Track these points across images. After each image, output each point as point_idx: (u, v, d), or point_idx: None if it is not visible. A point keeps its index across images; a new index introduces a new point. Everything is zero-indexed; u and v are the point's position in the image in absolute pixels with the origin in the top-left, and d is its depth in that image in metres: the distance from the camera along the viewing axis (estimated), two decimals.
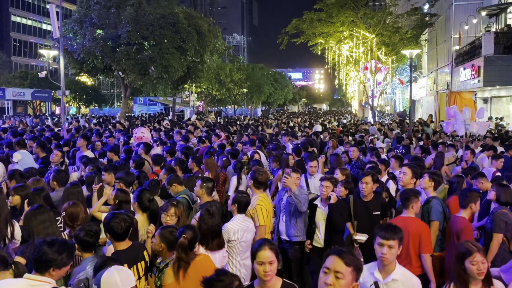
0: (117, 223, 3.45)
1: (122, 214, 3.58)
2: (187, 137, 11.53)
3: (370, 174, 5.11)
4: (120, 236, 3.49)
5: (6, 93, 34.94)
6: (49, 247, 2.81)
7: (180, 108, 44.84)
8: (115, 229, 3.45)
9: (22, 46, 64.44)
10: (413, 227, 4.25)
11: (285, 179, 5.01)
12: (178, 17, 25.36)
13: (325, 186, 5.18)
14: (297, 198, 4.94)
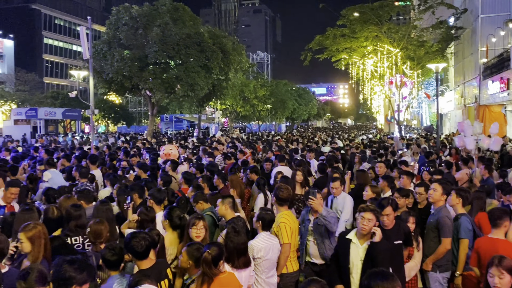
0: (137, 242, 3.52)
1: (141, 233, 3.65)
2: (213, 154, 11.65)
3: (389, 205, 4.61)
4: (141, 255, 3.55)
5: (38, 112, 36.20)
6: (69, 265, 2.88)
7: (205, 125, 45.37)
8: (135, 248, 3.52)
9: (53, 67, 66.88)
10: (505, 251, 3.80)
11: (310, 201, 4.85)
12: (203, 36, 25.87)
13: (367, 218, 4.19)
14: (326, 219, 4.79)
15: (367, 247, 4.12)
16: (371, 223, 4.14)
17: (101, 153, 12.25)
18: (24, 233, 3.70)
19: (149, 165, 9.19)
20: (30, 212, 4.53)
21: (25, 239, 3.67)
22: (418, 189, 5.74)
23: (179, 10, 26.94)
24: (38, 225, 3.87)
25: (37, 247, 3.70)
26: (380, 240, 4.02)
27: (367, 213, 4.17)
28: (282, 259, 4.64)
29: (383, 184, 6.82)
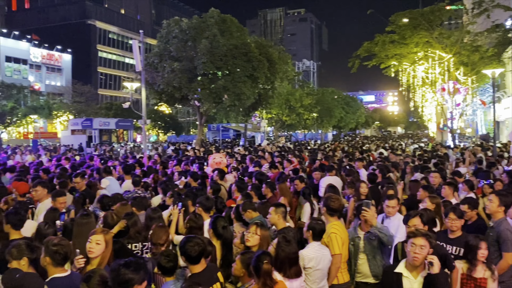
0: (191, 247, 3.60)
1: (196, 238, 3.74)
2: (259, 163, 11.71)
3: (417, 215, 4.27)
4: (194, 259, 3.63)
5: (93, 123, 38.00)
6: (126, 268, 2.99)
7: (251, 134, 45.73)
8: (189, 253, 3.60)
9: (107, 79, 70.05)
10: None
11: (364, 213, 4.63)
12: (249, 46, 26.24)
13: (419, 245, 3.54)
14: (382, 232, 4.50)
15: (422, 280, 3.55)
16: (424, 250, 3.54)
17: (155, 162, 12.66)
18: (103, 235, 3.88)
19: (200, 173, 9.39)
20: (88, 218, 4.75)
21: (103, 241, 3.84)
22: (463, 207, 5.08)
23: (227, 22, 27.51)
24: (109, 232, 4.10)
25: (108, 251, 3.90)
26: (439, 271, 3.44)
27: (418, 239, 3.57)
28: (333, 270, 4.58)
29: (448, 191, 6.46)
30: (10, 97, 37.84)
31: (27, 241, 3.70)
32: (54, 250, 3.46)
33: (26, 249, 3.54)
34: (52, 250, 3.46)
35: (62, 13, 68.93)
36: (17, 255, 3.50)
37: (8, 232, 4.54)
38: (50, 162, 13.49)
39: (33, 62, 55.52)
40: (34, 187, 6.60)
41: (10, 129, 41.03)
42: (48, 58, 58.20)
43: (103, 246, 3.84)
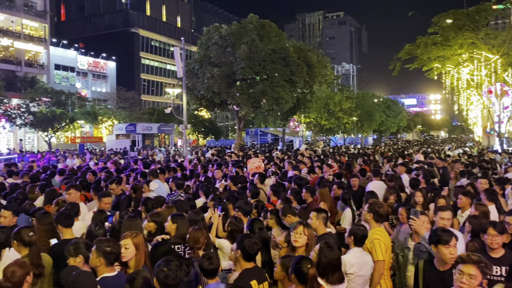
0: (250, 244, 3.72)
1: (254, 237, 3.86)
2: (298, 167, 11.70)
3: None
4: (251, 256, 3.75)
5: (137, 127, 39.19)
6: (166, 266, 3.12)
7: (289, 138, 45.63)
8: (247, 249, 3.71)
9: (149, 85, 72.01)
10: None
11: (412, 222, 4.41)
12: (288, 51, 26.25)
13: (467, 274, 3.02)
14: None
15: None
16: (475, 281, 2.97)
17: (195, 165, 12.92)
18: (131, 239, 4.01)
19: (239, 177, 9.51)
20: (135, 220, 4.95)
21: (131, 244, 3.97)
22: (508, 218, 4.67)
23: (265, 27, 27.66)
24: (140, 233, 4.23)
25: (141, 253, 4.02)
26: None
27: (467, 267, 3.00)
28: (376, 276, 4.53)
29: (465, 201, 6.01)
30: (59, 104, 39.66)
31: (85, 240, 3.90)
32: (107, 250, 3.63)
33: (83, 248, 3.74)
34: (106, 250, 3.63)
35: (107, 22, 71.63)
36: (73, 252, 3.71)
37: (61, 233, 4.80)
38: (96, 166, 14.05)
39: (80, 70, 57.96)
40: (67, 190, 6.78)
41: (59, 133, 42.97)
42: (94, 66, 60.61)
43: (133, 250, 3.95)
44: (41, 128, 38.54)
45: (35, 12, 50.94)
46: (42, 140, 42.70)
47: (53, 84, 49.61)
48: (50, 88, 41.86)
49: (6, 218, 4.90)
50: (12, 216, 4.93)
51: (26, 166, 14.37)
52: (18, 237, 4.08)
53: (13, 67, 48.10)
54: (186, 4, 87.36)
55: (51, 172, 11.12)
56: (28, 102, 37.86)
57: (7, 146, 42.36)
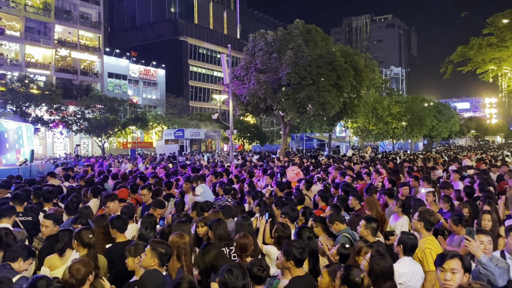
0: (298, 249, 3.72)
1: (300, 241, 3.85)
2: (345, 173, 11.51)
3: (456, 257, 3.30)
4: (301, 262, 3.74)
5: (185, 133, 40.21)
6: (229, 273, 3.17)
7: (335, 144, 45.04)
8: (296, 255, 3.71)
9: (197, 91, 73.65)
10: None
11: (466, 243, 3.88)
12: (334, 55, 26.00)
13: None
14: (487, 269, 3.73)
15: None
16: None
17: (240, 171, 13.04)
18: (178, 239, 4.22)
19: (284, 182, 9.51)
20: (185, 224, 5.08)
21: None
22: None
23: (311, 32, 27.58)
24: (185, 236, 4.35)
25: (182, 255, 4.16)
26: None
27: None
28: (427, 287, 4.37)
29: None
30: (112, 110, 41.42)
31: (144, 243, 4.08)
32: (162, 252, 3.78)
33: (142, 249, 3.92)
34: (161, 251, 3.78)
35: (157, 31, 74.11)
36: (134, 253, 3.90)
37: (115, 236, 5.00)
38: (147, 170, 14.52)
39: (131, 78, 60.29)
40: (142, 189, 7.44)
41: (112, 139, 44.86)
42: (145, 74, 62.85)
43: None
44: (95, 134, 40.38)
45: (90, 23, 53.64)
46: (96, 145, 44.74)
47: (107, 91, 51.94)
48: (103, 96, 43.82)
49: (48, 227, 4.96)
50: (53, 225, 4.98)
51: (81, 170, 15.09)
52: (79, 238, 4.31)
53: (70, 75, 50.84)
54: (232, 12, 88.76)
55: (104, 176, 11.62)
56: (83, 109, 39.81)
57: (64, 151, 44.75)
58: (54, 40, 48.66)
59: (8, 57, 43.77)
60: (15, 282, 3.82)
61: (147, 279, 3.54)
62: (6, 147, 19.04)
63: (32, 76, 39.68)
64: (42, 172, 16.53)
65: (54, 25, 48.60)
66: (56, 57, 49.10)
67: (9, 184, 9.25)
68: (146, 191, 7.54)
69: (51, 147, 45.63)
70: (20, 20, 45.41)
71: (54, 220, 5.01)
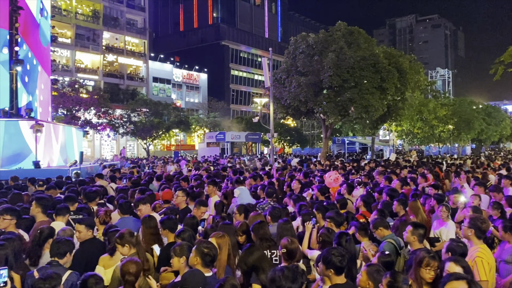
0: (337, 257, 3.65)
1: (339, 248, 3.78)
2: (390, 178, 11.23)
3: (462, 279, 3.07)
4: (341, 269, 3.68)
5: (226, 136, 40.66)
6: (280, 272, 3.18)
7: (378, 147, 44.07)
8: (335, 263, 3.65)
9: (238, 95, 74.39)
10: None
11: None
12: (378, 57, 25.49)
13: None
14: None
15: None
16: None
17: (281, 174, 13.02)
18: (215, 239, 4.28)
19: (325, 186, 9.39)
20: (228, 226, 5.15)
21: (215, 244, 4.18)
22: None
23: (354, 34, 27.18)
24: (226, 236, 4.43)
25: (223, 254, 4.23)
26: None
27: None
28: None
29: None
30: (156, 114, 42.60)
31: (188, 243, 4.18)
32: (204, 252, 3.85)
33: (187, 250, 4.01)
34: (204, 251, 3.85)
35: (200, 36, 75.58)
36: (179, 253, 4.00)
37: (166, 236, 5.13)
38: (189, 173, 14.80)
39: (175, 82, 61.77)
40: (177, 191, 7.35)
41: (156, 141, 46.12)
42: (188, 78, 64.22)
43: (220, 250, 4.17)
44: (141, 137, 41.66)
45: (136, 30, 55.49)
46: (141, 148, 46.13)
47: (151, 95, 53.50)
48: (149, 100, 45.18)
49: (81, 232, 5.00)
50: (86, 230, 5.01)
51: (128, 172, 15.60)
52: (121, 240, 4.45)
53: (117, 80, 52.78)
54: (273, 15, 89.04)
55: (149, 177, 11.95)
56: (129, 113, 41.20)
57: (111, 153, 46.43)
58: (102, 46, 50.72)
59: (59, 63, 46.04)
60: (66, 278, 3.95)
61: (187, 279, 3.60)
62: (57, 149, 19.99)
63: (82, 81, 41.53)
64: (90, 173, 17.22)
65: (102, 31, 50.68)
66: (104, 63, 51.15)
67: (61, 184, 9.71)
68: (181, 193, 7.39)
69: (98, 149, 47.51)
70: (71, 28, 47.70)
71: (86, 225, 5.03)
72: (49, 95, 24.79)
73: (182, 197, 7.26)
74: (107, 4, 51.34)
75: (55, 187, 9.24)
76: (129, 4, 54.48)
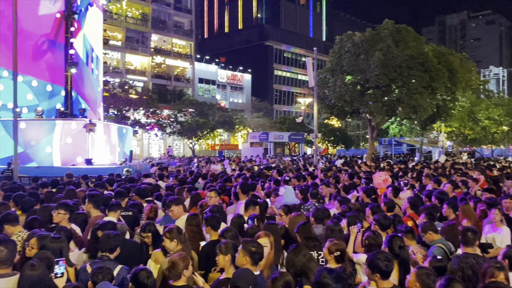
0: (382, 261, 3.60)
1: (385, 252, 3.72)
2: (439, 181, 10.85)
3: None
4: (387, 274, 3.62)
5: (269, 136, 40.73)
6: (328, 273, 3.19)
7: (427, 149, 42.62)
8: (381, 267, 3.59)
9: (281, 95, 74.36)
10: None
11: None
12: (427, 56, 24.74)
13: None
14: None
15: None
16: None
17: (325, 175, 12.91)
18: (267, 238, 4.33)
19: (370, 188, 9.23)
20: (274, 225, 5.20)
21: (268, 243, 4.23)
22: None
23: (402, 32, 26.51)
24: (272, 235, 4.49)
25: (270, 253, 4.31)
26: None
27: None
28: None
29: None
30: (201, 114, 43.43)
31: (233, 242, 4.25)
32: (253, 250, 3.91)
33: (232, 248, 4.08)
34: (252, 250, 3.91)
35: (245, 37, 76.24)
36: (224, 250, 4.07)
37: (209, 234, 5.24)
38: (233, 172, 14.98)
39: (219, 83, 62.66)
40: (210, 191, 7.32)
41: (201, 141, 47.03)
42: (232, 79, 64.96)
43: (269, 248, 4.19)
44: (187, 136, 42.61)
45: (183, 32, 56.78)
46: (187, 147, 47.19)
47: (197, 96, 54.57)
48: (194, 100, 46.13)
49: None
50: None
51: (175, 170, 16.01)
52: (171, 235, 4.59)
53: (164, 81, 54.24)
54: (318, 14, 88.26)
55: (195, 176, 12.21)
56: (176, 113, 42.24)
57: (158, 152, 47.81)
58: (151, 48, 52.28)
59: (110, 65, 47.92)
60: (117, 272, 4.08)
61: (239, 278, 3.65)
62: (108, 147, 20.84)
63: (131, 82, 43.05)
64: (139, 171, 17.85)
65: (150, 34, 52.24)
66: (152, 64, 52.71)
67: (112, 182, 10.13)
68: (213, 194, 7.19)
69: (147, 148, 49.02)
70: (121, 31, 49.52)
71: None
72: None
73: (215, 197, 7.21)
74: (155, 7, 52.85)
75: (107, 183, 9.66)
76: (176, 7, 55.81)
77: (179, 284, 3.82)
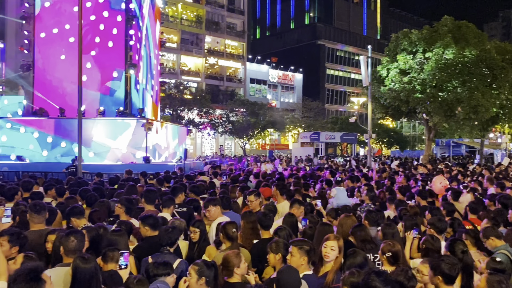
0: (448, 264, 3.51)
1: (451, 257, 3.63)
2: (503, 184, 10.29)
3: None
4: (450, 278, 3.53)
5: (320, 136, 40.33)
6: (377, 276, 3.15)
7: (488, 151, 40.39)
8: (445, 269, 3.51)
9: (333, 95, 73.36)
10: None
11: None
12: (489, 53, 23.49)
13: None
14: None
15: None
16: None
17: (381, 176, 12.64)
18: (336, 241, 4.23)
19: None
20: (328, 226, 5.20)
21: (336, 246, 4.17)
22: None
23: (462, 29, 25.33)
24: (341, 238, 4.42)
25: (341, 256, 4.22)
26: None
27: None
28: None
29: None
30: (252, 114, 43.83)
31: (284, 241, 4.30)
32: (308, 249, 3.96)
33: (283, 247, 4.14)
34: (307, 249, 3.96)
35: (296, 37, 75.98)
36: (275, 249, 4.14)
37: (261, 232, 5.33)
38: (285, 171, 15.04)
39: (271, 82, 62.91)
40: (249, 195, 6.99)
41: (252, 140, 47.48)
42: (283, 78, 64.99)
43: (337, 252, 4.13)
44: (238, 135, 43.19)
45: (235, 33, 57.57)
46: (238, 146, 47.82)
47: (248, 96, 55.12)
48: (246, 100, 46.63)
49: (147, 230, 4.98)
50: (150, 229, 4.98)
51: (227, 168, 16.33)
52: (224, 231, 4.71)
53: (217, 82, 55.29)
54: (372, 12, 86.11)
55: (247, 174, 12.40)
56: (228, 113, 42.94)
57: (211, 151, 48.83)
58: (205, 50, 53.46)
59: (166, 66, 49.54)
60: (177, 266, 4.20)
61: (284, 274, 3.67)
62: (165, 145, 21.61)
63: (186, 83, 44.27)
64: (193, 169, 18.35)
65: (204, 36, 53.44)
66: (205, 65, 53.89)
67: (169, 179, 10.52)
68: (253, 197, 6.87)
69: (200, 147, 50.22)
70: (177, 33, 51.06)
71: (149, 224, 4.97)
72: None
73: (256, 201, 6.93)
74: (209, 9, 53.97)
75: (163, 180, 10.05)
76: (229, 8, 56.67)
77: (233, 281, 3.89)
